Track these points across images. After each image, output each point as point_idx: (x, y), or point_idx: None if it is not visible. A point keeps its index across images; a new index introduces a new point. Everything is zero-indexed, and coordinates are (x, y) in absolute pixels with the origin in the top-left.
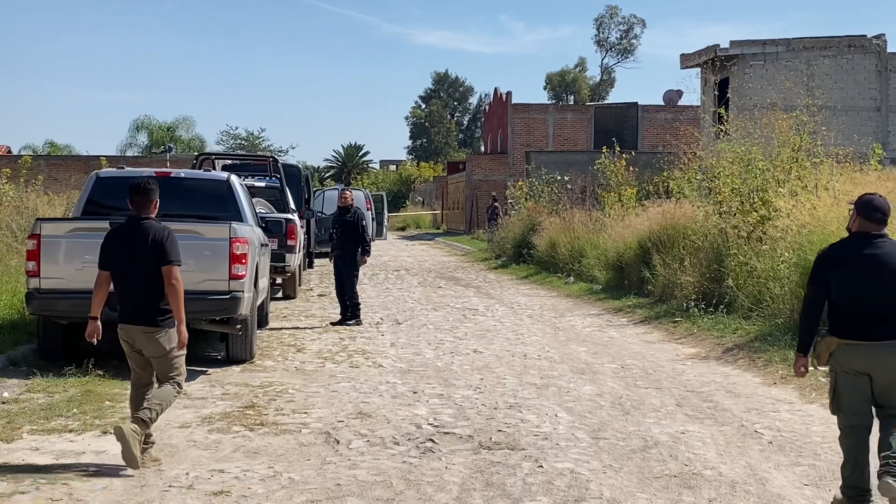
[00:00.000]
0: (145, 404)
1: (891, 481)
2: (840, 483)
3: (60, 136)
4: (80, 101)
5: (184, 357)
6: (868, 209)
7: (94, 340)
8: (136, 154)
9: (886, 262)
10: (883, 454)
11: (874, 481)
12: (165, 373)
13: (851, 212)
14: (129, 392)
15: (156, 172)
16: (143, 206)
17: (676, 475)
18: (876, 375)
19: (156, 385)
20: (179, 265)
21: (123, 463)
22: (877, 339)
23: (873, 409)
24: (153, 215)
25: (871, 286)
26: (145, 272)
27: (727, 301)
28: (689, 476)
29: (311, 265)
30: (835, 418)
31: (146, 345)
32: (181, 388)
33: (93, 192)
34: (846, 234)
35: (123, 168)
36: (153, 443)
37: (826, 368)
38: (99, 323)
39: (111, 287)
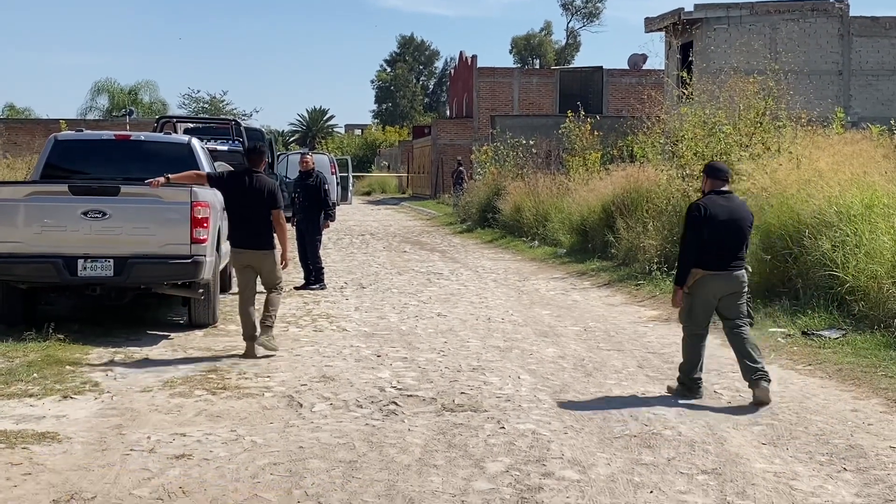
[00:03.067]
0: (266, 313)
1: (765, 385)
2: (679, 376)
3: (20, 99)
4: (41, 64)
5: (282, 271)
6: (714, 171)
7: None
8: (96, 118)
9: (736, 212)
10: (753, 365)
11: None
12: (272, 282)
13: (703, 177)
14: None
15: (115, 135)
16: (256, 162)
17: (636, 435)
18: (726, 295)
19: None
20: (281, 208)
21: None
22: (729, 270)
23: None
24: (262, 169)
25: (728, 231)
26: (261, 213)
27: None
28: (649, 436)
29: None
30: (789, 376)
31: (262, 262)
32: (282, 290)
33: (51, 155)
34: (794, 198)
35: (83, 131)
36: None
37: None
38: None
39: None
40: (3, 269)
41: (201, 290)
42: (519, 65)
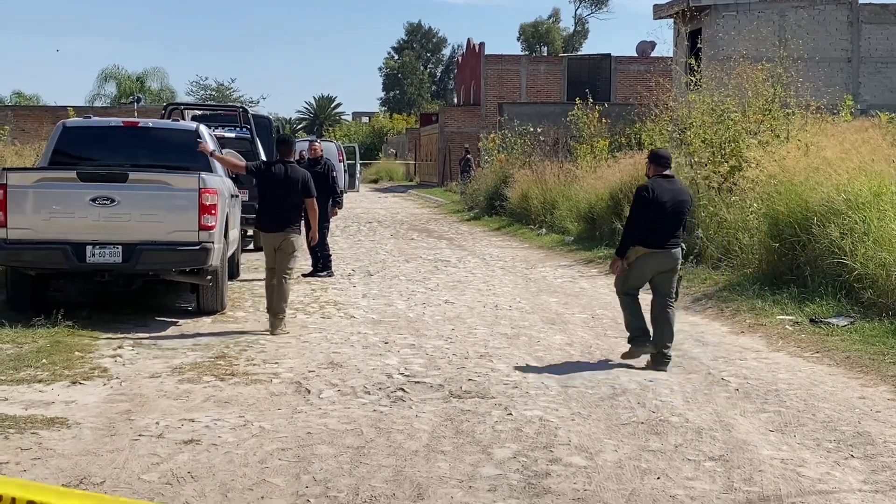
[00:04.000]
0: (278, 304)
1: (668, 361)
2: (628, 337)
3: (28, 86)
4: (48, 51)
5: (297, 259)
6: (658, 158)
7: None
8: (104, 105)
9: (678, 194)
10: (666, 342)
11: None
12: (284, 265)
13: (647, 163)
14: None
15: (123, 122)
16: (287, 153)
17: (644, 422)
18: (662, 270)
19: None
20: (314, 197)
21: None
22: (667, 248)
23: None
24: (294, 160)
25: (670, 212)
26: (292, 200)
27: (697, 252)
28: (657, 423)
29: None
30: (797, 364)
31: (285, 243)
32: (291, 276)
33: (60, 141)
34: (802, 186)
35: (91, 118)
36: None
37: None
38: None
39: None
40: (12, 255)
41: (209, 277)
42: (527, 52)
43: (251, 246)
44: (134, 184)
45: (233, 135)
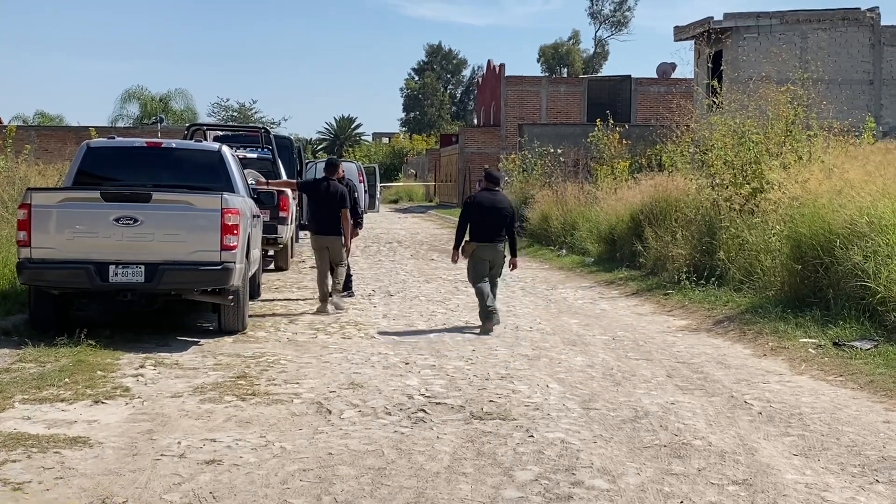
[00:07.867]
0: (333, 281)
1: (494, 308)
2: (479, 314)
3: (51, 106)
4: (72, 72)
5: (345, 252)
6: (488, 176)
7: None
8: (126, 125)
9: (497, 203)
10: (489, 301)
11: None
12: (338, 259)
13: (481, 179)
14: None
15: (146, 142)
16: (332, 172)
17: (666, 445)
18: (492, 259)
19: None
20: (348, 208)
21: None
22: (493, 242)
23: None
24: (336, 178)
25: (491, 215)
26: (333, 210)
27: (719, 273)
28: (679, 446)
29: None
30: (820, 387)
31: (333, 245)
32: (345, 265)
33: (84, 162)
34: (825, 208)
35: (114, 138)
36: (333, 293)
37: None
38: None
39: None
40: (35, 274)
41: (231, 297)
42: (547, 73)
43: (272, 266)
44: (157, 204)
45: (255, 155)
